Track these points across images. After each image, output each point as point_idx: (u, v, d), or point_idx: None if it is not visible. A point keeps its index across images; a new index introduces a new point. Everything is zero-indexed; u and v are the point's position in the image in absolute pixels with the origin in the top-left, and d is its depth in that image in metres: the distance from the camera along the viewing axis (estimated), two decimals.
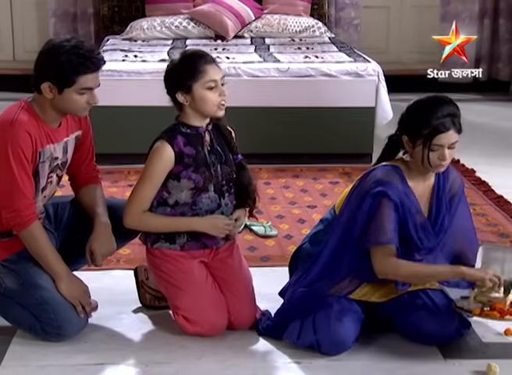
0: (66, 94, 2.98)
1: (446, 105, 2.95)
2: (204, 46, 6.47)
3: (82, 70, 2.95)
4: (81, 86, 2.97)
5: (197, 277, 3.13)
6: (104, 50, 6.35)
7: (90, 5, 7.55)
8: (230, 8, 6.96)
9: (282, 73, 5.60)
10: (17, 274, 3.08)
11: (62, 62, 2.93)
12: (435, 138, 2.88)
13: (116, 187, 5.07)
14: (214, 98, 3.00)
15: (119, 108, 5.43)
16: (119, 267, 3.80)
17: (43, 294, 3.04)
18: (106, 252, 3.19)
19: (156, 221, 3.09)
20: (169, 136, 3.04)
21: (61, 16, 7.60)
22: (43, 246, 3.04)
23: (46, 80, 2.97)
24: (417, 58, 7.89)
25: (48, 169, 3.10)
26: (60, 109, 3.04)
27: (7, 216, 3.01)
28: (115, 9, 7.38)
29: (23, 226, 3.00)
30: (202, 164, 3.06)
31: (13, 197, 2.97)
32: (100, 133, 5.41)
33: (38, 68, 3.01)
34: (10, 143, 2.93)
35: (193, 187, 3.05)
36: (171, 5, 7.15)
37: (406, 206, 2.96)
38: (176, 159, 3.02)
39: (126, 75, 5.53)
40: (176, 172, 3.03)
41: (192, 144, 3.05)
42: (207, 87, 2.99)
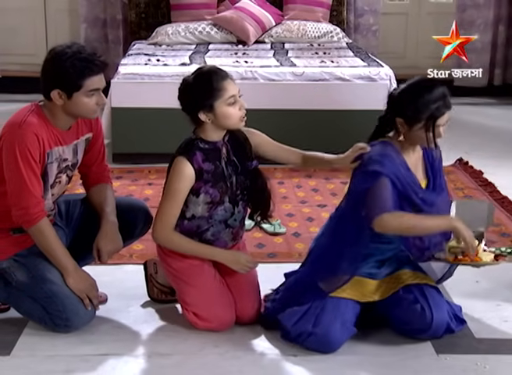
0: (76, 99, 2.98)
1: (438, 87, 2.99)
2: (225, 51, 6.49)
3: (87, 73, 2.95)
4: (88, 88, 2.97)
5: (206, 274, 3.12)
6: (129, 54, 6.38)
7: (119, 12, 7.57)
8: (252, 15, 6.94)
9: (297, 77, 5.58)
10: (27, 268, 3.09)
11: (67, 67, 2.93)
12: (438, 120, 2.96)
13: (136, 185, 5.07)
14: (235, 113, 2.97)
15: (140, 109, 5.43)
16: (132, 262, 3.79)
17: (51, 288, 3.05)
18: (112, 250, 3.18)
19: (182, 244, 3.07)
20: (188, 153, 2.99)
21: (91, 22, 7.63)
22: (51, 242, 3.05)
23: (54, 87, 2.97)
24: (433, 63, 7.79)
25: (57, 170, 3.11)
26: (72, 114, 3.04)
27: (16, 214, 3.02)
28: (142, 16, 7.40)
29: (32, 223, 3.01)
30: (220, 178, 3.03)
31: (22, 196, 2.98)
32: (121, 134, 5.50)
33: (45, 77, 3.01)
34: (18, 144, 2.94)
35: (209, 202, 3.04)
36: (195, 11, 7.15)
37: (403, 178, 2.97)
38: (196, 176, 2.99)
39: (147, 78, 5.54)
40: (196, 188, 3.01)
41: (210, 160, 3.02)
42: (228, 103, 2.94)
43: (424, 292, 3.01)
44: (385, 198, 2.92)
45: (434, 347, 2.99)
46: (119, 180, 5.13)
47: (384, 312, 3.07)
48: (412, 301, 2.99)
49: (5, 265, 3.11)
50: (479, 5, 7.75)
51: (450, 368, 2.88)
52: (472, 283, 3.55)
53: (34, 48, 7.74)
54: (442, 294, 3.05)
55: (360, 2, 7.73)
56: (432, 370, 2.88)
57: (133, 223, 3.29)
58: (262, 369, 2.90)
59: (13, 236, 3.12)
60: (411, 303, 2.99)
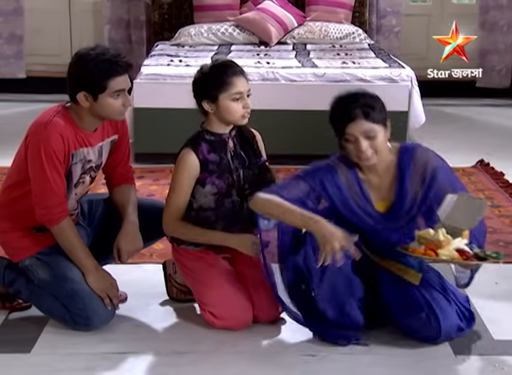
0: (102, 100, 2.99)
1: (359, 97, 2.86)
2: (247, 52, 6.49)
3: (111, 74, 2.96)
4: (113, 89, 2.98)
5: (221, 272, 3.13)
6: (152, 55, 6.41)
7: (143, 13, 7.61)
8: (274, 16, 6.94)
9: (318, 78, 5.57)
10: (49, 266, 3.11)
11: (91, 69, 2.94)
12: (346, 128, 2.82)
13: (157, 185, 5.08)
14: (238, 109, 3.00)
15: (163, 110, 5.45)
16: (152, 261, 3.79)
17: (73, 286, 3.06)
18: (132, 250, 3.19)
19: (190, 232, 3.09)
20: (194, 144, 3.04)
21: (115, 23, 7.67)
22: (73, 241, 3.07)
23: (80, 89, 2.98)
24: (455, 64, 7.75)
25: (81, 171, 3.12)
26: (98, 115, 3.05)
27: (39, 213, 3.04)
28: (166, 17, 7.42)
29: (55, 222, 3.03)
30: (226, 170, 3.05)
31: (45, 195, 3.00)
32: (144, 134, 5.52)
33: (70, 79, 3.03)
34: (43, 144, 2.96)
35: (215, 193, 3.06)
36: (218, 12, 7.16)
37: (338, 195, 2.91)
38: (201, 167, 3.02)
39: (169, 78, 5.55)
40: (202, 178, 3.04)
41: (216, 151, 3.05)
42: (232, 98, 2.98)
43: (429, 298, 2.96)
44: (283, 187, 2.89)
45: (452, 348, 2.96)
46: (141, 180, 5.14)
47: (394, 320, 3.05)
48: (418, 310, 2.95)
49: (27, 262, 3.13)
50: (502, 6, 7.70)
51: (468, 369, 2.86)
52: (491, 285, 3.52)
53: (59, 49, 7.81)
54: (448, 294, 3.01)
55: (383, 3, 7.71)
56: (450, 371, 2.86)
57: (154, 224, 3.30)
58: (280, 369, 2.88)
59: (36, 234, 3.14)
60: (417, 312, 2.95)
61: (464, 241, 2.79)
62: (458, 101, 7.54)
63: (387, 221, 2.96)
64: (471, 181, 5.18)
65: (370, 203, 2.96)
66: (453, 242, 2.76)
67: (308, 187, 2.90)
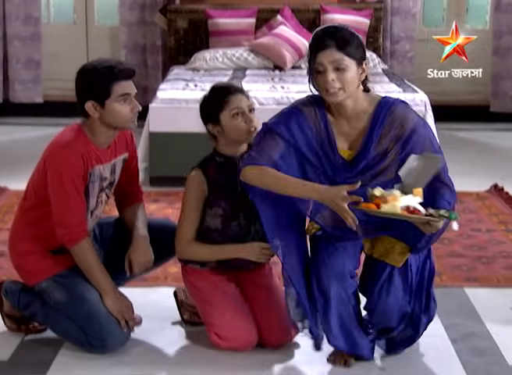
0: (109, 107, 3.01)
1: (338, 30, 2.79)
2: (262, 76, 6.52)
3: (113, 78, 2.99)
4: (118, 93, 3.00)
5: (227, 293, 3.12)
6: (167, 79, 6.45)
7: (159, 38, 7.65)
8: (288, 41, 6.98)
9: None
10: (66, 288, 3.11)
11: (94, 76, 3.00)
12: (317, 56, 2.75)
13: (172, 208, 5.08)
14: (241, 126, 2.99)
15: (178, 134, 5.47)
16: (166, 284, 3.79)
17: (89, 308, 3.06)
18: (143, 261, 3.19)
19: (203, 251, 3.09)
20: (203, 165, 3.06)
21: (131, 48, 7.72)
22: (92, 262, 3.08)
23: (87, 99, 3.02)
24: (469, 89, 7.77)
25: (98, 189, 3.14)
26: (109, 124, 3.06)
27: (59, 233, 3.05)
28: (181, 42, 7.47)
29: (74, 242, 3.04)
30: (233, 192, 3.04)
31: (66, 215, 3.02)
32: (159, 158, 5.54)
33: (77, 92, 3.07)
34: (63, 164, 2.98)
35: (222, 214, 3.05)
36: (233, 37, 7.21)
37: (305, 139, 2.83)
38: (209, 188, 3.03)
39: (184, 103, 5.58)
40: (210, 199, 3.04)
41: (225, 173, 3.04)
42: (232, 114, 2.98)
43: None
44: (262, 149, 2.83)
45: (467, 372, 2.94)
46: (156, 203, 5.15)
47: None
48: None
49: (44, 285, 3.14)
50: None
51: None
52: (506, 310, 3.51)
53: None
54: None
55: (397, 29, 7.73)
56: None
57: (165, 243, 3.31)
58: None
59: (53, 257, 3.15)
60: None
61: (417, 199, 2.69)
62: (472, 126, 7.54)
63: (348, 171, 2.85)
64: (485, 205, 5.17)
65: (334, 146, 2.86)
66: (401, 199, 2.67)
67: (281, 142, 2.83)
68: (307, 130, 2.85)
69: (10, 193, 5.29)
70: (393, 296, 2.89)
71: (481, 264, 4.16)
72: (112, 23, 8.01)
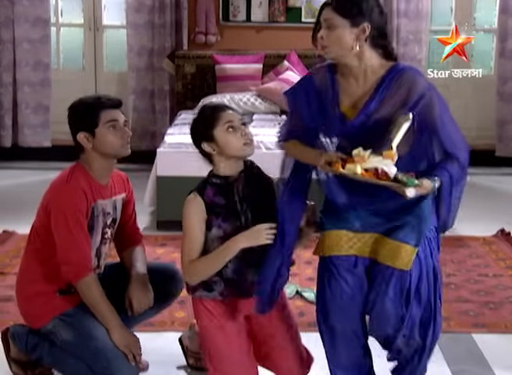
0: (99, 135, 3.09)
1: None
2: (269, 121, 6.55)
3: (99, 106, 3.08)
4: (106, 119, 3.08)
5: (233, 342, 3.00)
6: (175, 124, 6.49)
7: (167, 83, 7.71)
8: None
9: None
10: (73, 327, 3.10)
11: (81, 107, 3.13)
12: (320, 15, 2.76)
13: (179, 252, 4.99)
14: (236, 140, 2.91)
15: (185, 178, 5.46)
16: (173, 329, 3.78)
17: (97, 345, 3.04)
18: (143, 300, 3.19)
19: (203, 263, 2.92)
20: (199, 188, 2.97)
21: (140, 93, 7.78)
22: (97, 298, 3.07)
23: (77, 131, 3.10)
24: (475, 135, 7.79)
25: (102, 224, 3.17)
26: (103, 153, 3.12)
27: (64, 270, 3.05)
28: (189, 87, 7.52)
29: (79, 277, 3.05)
30: (232, 213, 2.95)
31: (70, 253, 3.03)
32: (166, 202, 5.55)
33: (69, 126, 3.17)
34: (66, 203, 3.01)
35: (222, 236, 2.92)
36: (240, 82, 7.26)
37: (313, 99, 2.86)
38: (207, 210, 2.93)
39: (192, 147, 5.52)
40: (208, 221, 2.94)
41: (222, 194, 2.94)
42: (226, 128, 2.90)
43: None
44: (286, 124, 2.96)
45: None
46: (163, 248, 5.15)
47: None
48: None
49: (50, 325, 3.13)
50: None
51: None
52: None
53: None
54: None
55: None
56: None
57: (163, 285, 3.32)
58: None
59: (60, 297, 3.15)
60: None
61: (387, 161, 2.56)
62: (478, 170, 7.52)
63: (344, 124, 2.80)
64: (492, 250, 5.16)
65: (335, 101, 2.83)
66: (368, 160, 2.57)
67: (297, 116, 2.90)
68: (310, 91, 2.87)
69: (18, 237, 5.30)
70: (390, 299, 2.83)
71: (489, 310, 4.13)
72: (121, 68, 8.08)
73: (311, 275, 4.61)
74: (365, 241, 2.85)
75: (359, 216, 2.84)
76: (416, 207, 2.74)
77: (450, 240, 5.27)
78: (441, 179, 2.70)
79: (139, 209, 4.00)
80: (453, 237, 5.34)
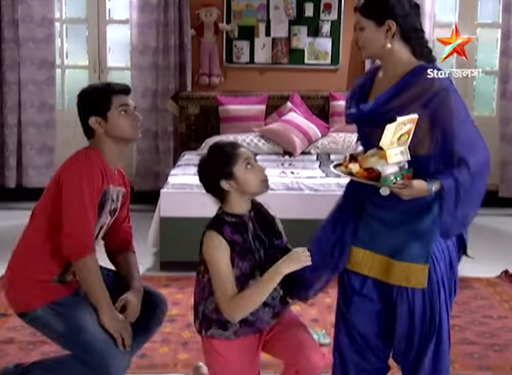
0: (112, 119, 3.11)
1: None
2: (272, 161, 6.56)
3: (111, 91, 3.13)
4: (118, 104, 3.12)
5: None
6: (178, 165, 6.50)
7: (170, 124, 7.73)
8: (298, 127, 7.05)
9: (342, 188, 5.54)
10: (63, 317, 3.07)
11: (93, 92, 3.17)
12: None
13: (182, 293, 5.05)
14: (255, 177, 2.96)
15: (189, 219, 5.47)
16: (176, 371, 3.75)
17: (86, 337, 3.01)
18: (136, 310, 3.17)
19: (246, 298, 2.89)
20: (217, 227, 2.95)
21: (143, 134, 7.64)
22: (94, 279, 3.03)
23: (89, 115, 3.13)
24: None
25: (108, 209, 3.17)
26: (115, 137, 3.13)
27: (68, 244, 3.00)
28: (192, 128, 7.55)
29: (81, 255, 3.00)
30: (248, 251, 2.96)
31: (78, 225, 2.99)
32: (170, 242, 5.54)
33: (79, 112, 3.20)
34: (85, 175, 3.01)
35: (239, 275, 2.93)
36: (244, 123, 7.29)
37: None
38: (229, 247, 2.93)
39: (196, 188, 5.58)
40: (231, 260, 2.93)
41: (238, 232, 2.96)
42: (245, 166, 2.94)
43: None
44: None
45: None
46: (166, 289, 5.12)
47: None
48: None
49: (39, 312, 3.08)
50: None
51: None
52: None
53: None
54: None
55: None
56: None
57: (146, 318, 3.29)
58: None
59: (54, 285, 3.11)
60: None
61: (382, 162, 2.66)
62: (481, 211, 7.45)
63: (357, 110, 2.94)
64: (496, 292, 5.13)
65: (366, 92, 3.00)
66: (368, 160, 2.71)
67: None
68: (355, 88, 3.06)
69: None
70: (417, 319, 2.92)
71: (494, 352, 4.10)
72: None
73: (316, 316, 4.59)
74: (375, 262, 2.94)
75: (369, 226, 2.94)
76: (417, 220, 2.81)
77: None
78: (442, 182, 2.72)
79: (142, 250, 3.99)
80: None
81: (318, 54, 7.75)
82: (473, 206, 2.86)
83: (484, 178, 2.85)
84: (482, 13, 7.95)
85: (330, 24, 7.66)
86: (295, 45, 7.69)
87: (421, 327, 2.91)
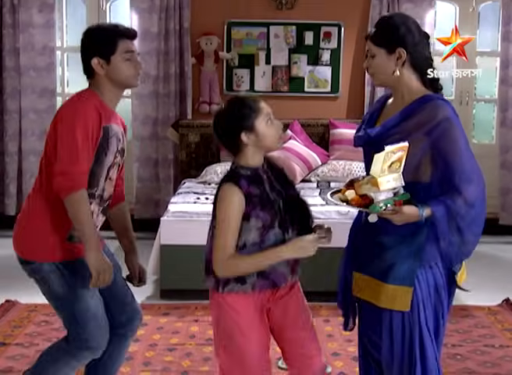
0: (115, 63, 3.11)
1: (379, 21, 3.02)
2: None
3: (118, 34, 3.13)
4: (124, 49, 3.12)
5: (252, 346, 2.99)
6: (179, 192, 6.50)
7: (171, 152, 7.75)
8: (298, 155, 7.06)
9: (342, 216, 5.59)
10: (65, 281, 3.09)
11: (100, 33, 3.15)
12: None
13: (182, 321, 5.03)
14: (274, 132, 2.98)
15: (189, 247, 5.46)
16: None
17: (79, 306, 3.07)
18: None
19: (245, 262, 2.91)
20: (233, 179, 2.94)
21: (144, 161, 7.80)
22: (84, 214, 2.98)
23: (93, 56, 3.11)
24: None
25: (116, 148, 3.14)
26: (115, 81, 3.14)
27: (58, 180, 2.97)
28: (193, 155, 7.56)
29: (71, 189, 2.95)
30: (267, 202, 2.95)
31: (70, 164, 2.96)
32: (170, 270, 5.53)
33: (83, 50, 3.17)
34: (78, 115, 3.00)
35: (261, 226, 2.92)
36: None
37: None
38: (245, 201, 2.91)
39: (196, 216, 5.60)
40: (246, 213, 2.92)
41: (255, 184, 2.95)
42: (266, 121, 2.96)
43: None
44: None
45: None
46: (166, 317, 5.10)
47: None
48: None
49: (45, 267, 3.09)
50: None
51: None
52: None
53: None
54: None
55: None
56: None
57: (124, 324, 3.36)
58: None
59: (67, 243, 3.10)
60: None
61: (374, 189, 2.70)
62: (482, 239, 7.42)
63: (366, 136, 2.98)
64: (497, 320, 5.11)
65: (375, 117, 3.06)
66: (362, 187, 2.76)
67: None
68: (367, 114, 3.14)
69: (21, 307, 5.25)
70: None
71: None
72: None
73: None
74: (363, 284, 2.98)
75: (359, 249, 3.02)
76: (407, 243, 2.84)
77: (455, 309, 5.22)
78: (433, 209, 2.76)
79: None
80: (457, 306, 5.30)
81: (318, 82, 7.78)
82: (473, 234, 2.88)
83: (481, 206, 2.88)
84: (481, 42, 7.99)
85: (330, 52, 7.70)
86: (295, 73, 7.72)
87: (401, 353, 2.91)
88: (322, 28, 7.67)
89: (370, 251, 2.97)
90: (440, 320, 2.95)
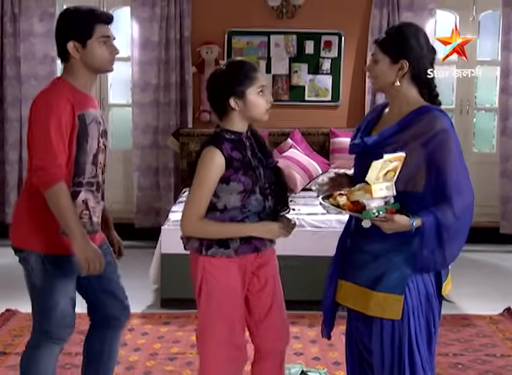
0: (90, 47, 3.10)
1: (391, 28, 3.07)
2: None
3: (95, 19, 3.11)
4: (100, 34, 3.11)
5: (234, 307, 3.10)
6: (179, 201, 6.50)
7: (171, 160, 7.75)
8: (299, 164, 7.06)
9: (343, 225, 5.54)
10: (47, 275, 3.11)
11: (78, 17, 3.12)
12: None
13: (183, 331, 5.02)
14: (263, 104, 3.04)
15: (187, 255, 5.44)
16: None
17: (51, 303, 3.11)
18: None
19: (213, 228, 3.00)
20: (216, 142, 3.00)
21: (144, 170, 7.80)
22: (63, 207, 2.97)
23: (69, 39, 3.09)
24: (478, 211, 7.75)
25: (97, 133, 3.15)
26: (90, 66, 3.13)
27: (35, 176, 2.98)
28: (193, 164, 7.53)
29: (49, 183, 2.96)
30: (249, 167, 3.02)
31: (46, 159, 2.96)
32: (170, 279, 5.51)
33: (59, 32, 3.15)
34: (50, 108, 2.98)
35: (242, 190, 2.98)
36: None
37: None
38: (226, 164, 2.96)
39: None
40: (226, 176, 2.97)
41: (238, 149, 3.02)
42: (258, 92, 3.01)
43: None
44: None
45: None
46: (167, 326, 5.09)
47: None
48: None
49: (31, 257, 3.11)
50: None
51: None
52: None
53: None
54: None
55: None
56: None
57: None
58: None
59: (60, 236, 3.09)
60: None
61: (367, 196, 2.73)
62: (482, 248, 7.49)
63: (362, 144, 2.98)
64: (498, 329, 5.09)
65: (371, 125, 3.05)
66: (354, 194, 2.79)
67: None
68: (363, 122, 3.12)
69: (21, 316, 5.24)
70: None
71: None
72: (126, 146, 8.11)
73: (317, 354, 4.56)
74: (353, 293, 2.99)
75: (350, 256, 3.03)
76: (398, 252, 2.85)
77: (456, 318, 5.23)
78: (423, 219, 2.77)
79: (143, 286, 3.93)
80: (458, 315, 5.30)
81: (318, 91, 7.79)
82: (456, 246, 2.89)
83: (467, 219, 2.89)
84: (482, 51, 8.00)
85: (330, 61, 7.71)
86: (295, 82, 7.73)
87: (391, 360, 2.91)
88: (323, 37, 7.69)
89: (358, 259, 2.99)
90: (432, 328, 2.95)
